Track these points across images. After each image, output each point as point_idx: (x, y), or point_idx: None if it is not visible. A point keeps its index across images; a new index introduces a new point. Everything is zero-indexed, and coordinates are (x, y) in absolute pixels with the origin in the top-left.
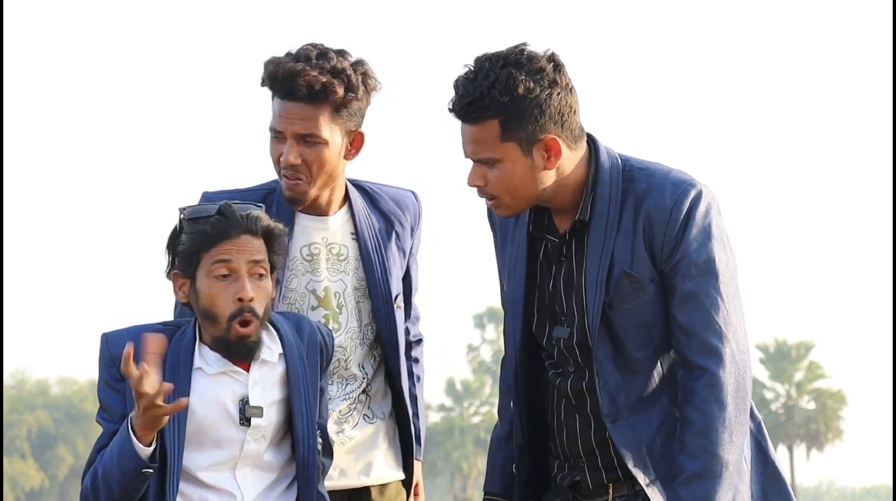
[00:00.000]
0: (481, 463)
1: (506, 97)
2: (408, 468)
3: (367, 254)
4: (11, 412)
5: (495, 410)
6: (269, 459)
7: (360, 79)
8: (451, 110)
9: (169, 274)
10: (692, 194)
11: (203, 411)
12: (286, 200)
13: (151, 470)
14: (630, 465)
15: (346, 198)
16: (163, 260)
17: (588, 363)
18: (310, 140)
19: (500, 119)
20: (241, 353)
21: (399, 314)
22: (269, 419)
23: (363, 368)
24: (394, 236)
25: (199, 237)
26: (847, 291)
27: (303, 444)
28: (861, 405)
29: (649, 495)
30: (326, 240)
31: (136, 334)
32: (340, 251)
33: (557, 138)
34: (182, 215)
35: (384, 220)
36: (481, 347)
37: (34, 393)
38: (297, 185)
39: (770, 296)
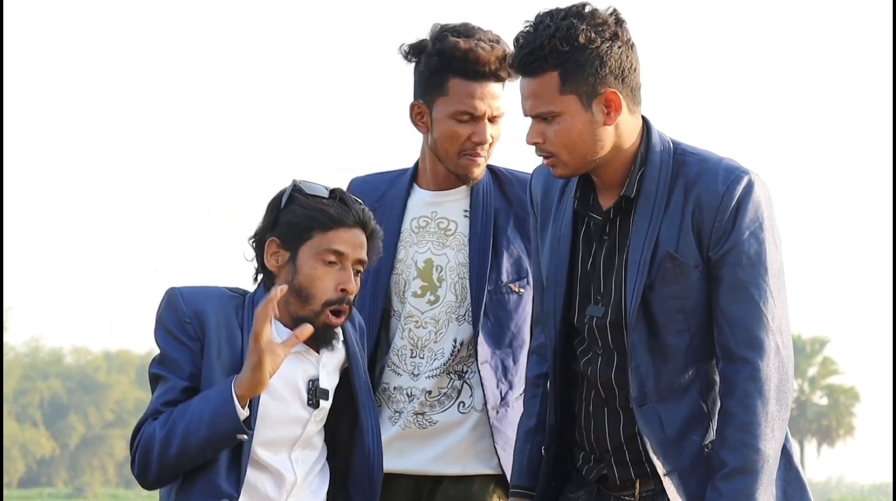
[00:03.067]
0: None
1: (566, 46)
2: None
3: (474, 232)
4: (24, 380)
5: None
6: (316, 440)
7: None
8: (510, 65)
9: (261, 236)
10: (745, 181)
11: (276, 387)
12: (466, 180)
13: (246, 436)
14: (651, 452)
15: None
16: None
17: (619, 345)
18: (496, 119)
19: (559, 70)
20: (321, 339)
21: (511, 300)
22: (330, 402)
23: (457, 342)
24: (513, 219)
25: (317, 215)
26: (863, 287)
27: (368, 432)
28: (873, 402)
29: (666, 485)
30: (436, 214)
31: (209, 294)
32: (448, 226)
33: (618, 93)
34: (295, 186)
35: (507, 203)
36: None
37: (48, 362)
38: (482, 161)
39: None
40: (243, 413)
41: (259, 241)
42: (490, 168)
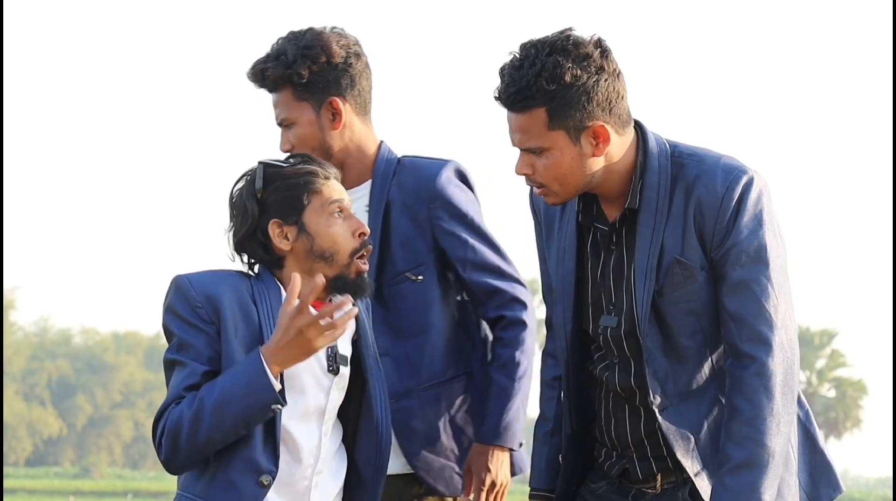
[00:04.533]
0: None
1: (553, 86)
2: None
3: (373, 227)
4: (33, 360)
5: None
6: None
7: (299, 52)
8: (496, 98)
9: (250, 230)
10: (744, 180)
11: None
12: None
13: (281, 406)
14: (679, 454)
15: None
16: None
17: (635, 352)
18: (284, 124)
19: (547, 107)
20: (358, 289)
21: (409, 289)
22: (349, 369)
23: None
24: (401, 206)
25: (303, 179)
26: (871, 280)
27: (377, 401)
28: (881, 395)
29: (697, 484)
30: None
31: (217, 275)
32: None
33: (606, 125)
34: (267, 165)
35: (399, 191)
36: None
37: (56, 342)
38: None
39: (794, 283)
40: (277, 385)
41: (250, 236)
42: (400, 160)
